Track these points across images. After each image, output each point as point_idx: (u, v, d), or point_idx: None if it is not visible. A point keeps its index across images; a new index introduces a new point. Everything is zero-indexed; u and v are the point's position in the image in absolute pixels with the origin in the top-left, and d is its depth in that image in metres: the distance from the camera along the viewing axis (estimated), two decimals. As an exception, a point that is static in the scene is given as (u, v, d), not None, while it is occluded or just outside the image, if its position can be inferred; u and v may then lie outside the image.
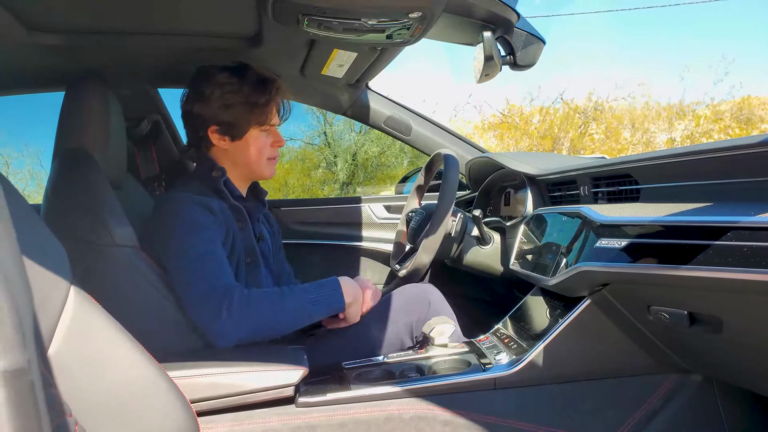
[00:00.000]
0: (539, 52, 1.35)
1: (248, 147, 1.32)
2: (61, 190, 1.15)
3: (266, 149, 1.34)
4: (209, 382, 1.00)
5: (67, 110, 1.23)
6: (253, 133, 1.31)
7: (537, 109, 10.70)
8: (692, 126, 10.22)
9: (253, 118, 1.30)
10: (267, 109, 1.31)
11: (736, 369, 1.06)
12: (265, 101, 1.29)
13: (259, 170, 1.36)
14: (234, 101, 1.27)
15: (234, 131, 1.30)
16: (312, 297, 1.20)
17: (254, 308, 1.13)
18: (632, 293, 1.06)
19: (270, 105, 1.31)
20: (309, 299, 1.19)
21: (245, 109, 1.28)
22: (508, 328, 1.40)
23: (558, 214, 1.34)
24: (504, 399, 1.15)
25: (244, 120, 1.29)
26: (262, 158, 1.34)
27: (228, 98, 1.27)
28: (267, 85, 1.30)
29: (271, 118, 1.33)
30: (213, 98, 1.28)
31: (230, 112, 1.28)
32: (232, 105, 1.28)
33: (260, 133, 1.32)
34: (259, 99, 1.29)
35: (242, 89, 1.28)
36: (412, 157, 9.53)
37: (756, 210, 0.75)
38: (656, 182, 1.08)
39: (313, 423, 1.06)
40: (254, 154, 1.33)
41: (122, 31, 1.26)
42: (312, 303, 1.19)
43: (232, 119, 1.29)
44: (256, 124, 1.30)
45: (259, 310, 1.14)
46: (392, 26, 1.15)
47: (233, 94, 1.27)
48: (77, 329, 0.66)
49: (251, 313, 1.12)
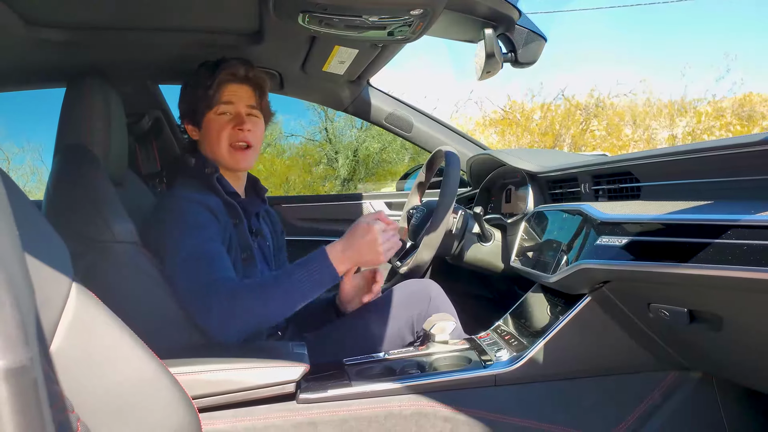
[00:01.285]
0: (540, 50, 1.34)
1: (208, 133, 1.31)
2: (62, 186, 1.15)
3: (224, 134, 1.29)
4: (211, 378, 1.00)
5: (68, 106, 1.23)
6: (209, 117, 1.31)
7: (538, 105, 10.68)
8: (693, 123, 10.20)
9: (203, 102, 1.30)
10: (212, 90, 1.28)
11: (735, 366, 1.06)
12: (210, 83, 1.28)
13: (223, 158, 1.30)
14: (190, 89, 1.32)
15: (194, 118, 1.33)
16: (299, 277, 1.15)
17: (247, 297, 1.11)
18: (632, 291, 1.06)
19: (217, 86, 1.28)
20: (296, 279, 1.15)
21: (197, 94, 1.30)
22: (508, 325, 1.40)
23: (559, 211, 1.34)
24: (504, 396, 1.15)
25: (198, 105, 1.31)
26: (221, 144, 1.29)
27: (187, 87, 1.33)
28: (215, 67, 1.30)
29: (220, 98, 1.29)
30: (182, 92, 1.35)
31: (189, 99, 1.32)
32: (189, 93, 1.32)
33: (215, 116, 1.30)
34: (206, 81, 1.29)
35: (197, 75, 1.31)
36: (413, 154, 9.51)
37: (757, 208, 0.75)
38: (657, 180, 1.08)
39: (314, 419, 1.07)
40: (214, 140, 1.30)
41: (123, 26, 1.26)
42: (300, 282, 1.15)
43: (190, 106, 1.33)
44: (206, 107, 1.30)
45: (245, 302, 1.11)
46: (393, 23, 1.15)
47: (191, 82, 1.32)
48: (79, 326, 0.66)
49: (237, 305, 1.10)
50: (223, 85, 1.30)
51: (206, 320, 1.10)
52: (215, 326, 1.10)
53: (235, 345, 1.14)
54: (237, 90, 1.31)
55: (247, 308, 1.11)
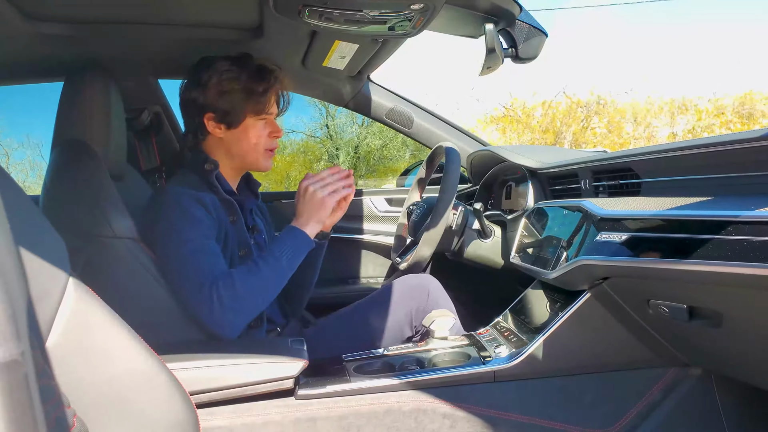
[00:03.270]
0: (541, 45, 1.34)
1: (245, 136, 1.30)
2: (60, 181, 1.14)
3: (263, 139, 1.32)
4: (209, 374, 1.00)
5: (67, 101, 1.22)
6: (249, 121, 1.29)
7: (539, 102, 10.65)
8: (694, 120, 10.17)
9: (249, 106, 1.28)
10: (264, 98, 1.29)
11: (734, 362, 1.06)
12: (263, 89, 1.28)
13: (255, 161, 1.33)
14: (231, 88, 1.26)
15: (230, 119, 1.28)
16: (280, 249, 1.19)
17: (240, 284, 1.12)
18: (632, 287, 1.06)
19: (268, 94, 1.29)
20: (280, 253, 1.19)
21: (242, 96, 1.27)
22: (508, 321, 1.40)
23: (559, 207, 1.33)
24: (503, 392, 1.15)
25: (241, 107, 1.27)
26: (258, 149, 1.32)
27: (225, 85, 1.26)
28: (266, 74, 1.29)
29: (268, 108, 1.31)
30: (211, 84, 1.26)
31: (227, 98, 1.26)
32: (228, 91, 1.26)
33: (257, 122, 1.30)
34: (256, 87, 1.27)
35: (240, 76, 1.27)
36: (413, 150, 9.50)
37: (756, 204, 0.75)
38: (657, 176, 1.08)
39: (313, 415, 1.07)
40: (251, 143, 1.30)
41: (123, 21, 1.25)
42: (284, 254, 1.19)
43: (229, 106, 1.27)
44: (252, 112, 1.29)
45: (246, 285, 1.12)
46: (394, 18, 1.14)
47: (231, 80, 1.26)
48: (76, 321, 0.66)
49: (236, 294, 1.11)
50: (271, 95, 1.31)
51: (210, 316, 1.10)
52: (220, 321, 1.10)
53: (234, 341, 1.14)
54: (273, 98, 1.33)
55: (244, 294, 1.12)
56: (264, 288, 1.16)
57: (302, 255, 1.22)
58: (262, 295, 1.16)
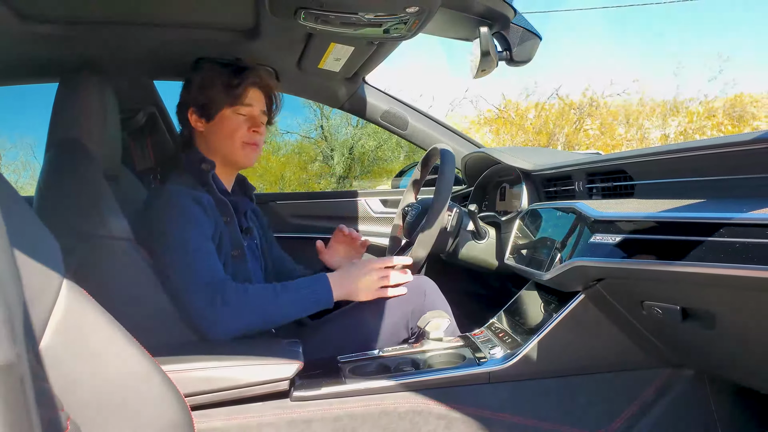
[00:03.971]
0: (535, 48, 1.34)
1: (220, 128, 1.33)
2: (54, 181, 1.14)
3: (240, 132, 1.34)
4: (203, 375, 1.00)
5: (62, 101, 1.22)
6: (225, 113, 1.33)
7: (533, 104, 10.69)
8: (685, 123, 10.23)
9: (225, 98, 1.32)
10: (240, 90, 1.32)
11: (727, 363, 1.07)
12: (238, 82, 1.32)
13: (231, 154, 1.35)
14: (210, 82, 1.32)
15: (208, 111, 1.33)
16: (304, 293, 1.23)
17: (251, 301, 1.16)
18: (626, 288, 1.06)
19: (243, 86, 1.33)
20: (302, 295, 1.22)
21: (219, 89, 1.32)
22: (502, 323, 1.40)
23: (553, 209, 1.34)
24: (498, 393, 1.15)
25: (217, 99, 1.32)
26: (234, 140, 1.34)
27: (206, 80, 1.32)
28: (244, 70, 1.34)
29: (244, 100, 1.33)
30: (194, 82, 1.33)
31: (206, 93, 1.32)
32: (208, 86, 1.32)
33: (234, 114, 1.33)
34: (233, 80, 1.32)
35: (221, 72, 1.32)
36: (408, 152, 9.52)
37: (749, 206, 0.76)
38: (650, 178, 1.08)
39: (308, 417, 1.07)
40: (226, 134, 1.33)
41: (118, 21, 1.25)
42: (304, 298, 1.23)
43: (207, 99, 1.32)
44: (227, 104, 1.32)
45: (255, 303, 1.17)
46: (389, 21, 1.15)
47: (211, 77, 1.32)
48: (70, 323, 0.65)
49: (247, 305, 1.15)
50: (249, 88, 1.34)
51: (206, 315, 1.12)
52: (215, 322, 1.12)
53: (228, 342, 1.14)
54: (256, 94, 1.37)
55: (255, 309, 1.17)
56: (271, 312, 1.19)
57: (319, 308, 1.26)
58: (265, 315, 1.19)
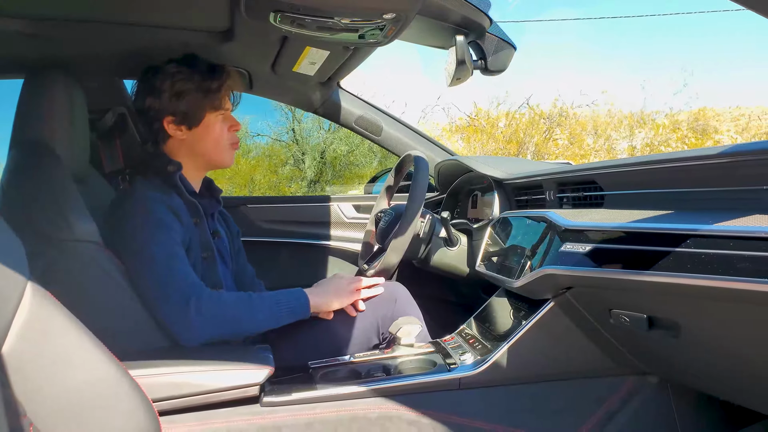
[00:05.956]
0: (510, 58, 1.37)
1: (207, 134, 1.31)
2: (18, 182, 1.11)
3: (225, 134, 1.34)
4: (172, 381, 0.98)
5: (27, 99, 1.18)
6: (209, 118, 1.31)
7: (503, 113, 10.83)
8: (652, 135, 10.51)
9: (207, 104, 1.30)
10: (219, 94, 1.31)
11: (690, 371, 1.10)
12: (217, 86, 1.30)
13: (219, 157, 1.35)
14: (186, 88, 1.28)
15: (190, 119, 1.30)
16: (280, 302, 1.23)
17: (224, 308, 1.15)
18: (594, 297, 1.08)
19: (223, 89, 1.32)
20: (277, 304, 1.22)
21: (199, 95, 1.29)
22: (473, 329, 1.41)
23: (524, 217, 1.36)
24: (468, 399, 1.16)
25: (199, 106, 1.29)
26: (222, 144, 1.34)
27: (179, 86, 1.28)
28: (217, 70, 1.32)
29: (224, 103, 1.33)
30: (164, 89, 1.28)
31: (184, 100, 1.29)
32: (184, 93, 1.28)
33: (216, 118, 1.32)
34: (211, 84, 1.29)
35: (193, 77, 1.29)
36: (381, 158, 9.53)
37: (714, 219, 0.78)
38: (620, 189, 1.11)
39: (279, 423, 1.06)
40: (214, 140, 1.32)
41: (88, 19, 1.22)
42: (280, 308, 1.22)
43: (187, 107, 1.29)
44: (211, 109, 1.30)
45: (229, 311, 1.15)
46: (366, 26, 1.15)
47: (184, 82, 1.28)
48: (34, 327, 0.64)
49: (221, 312, 1.14)
50: (227, 90, 1.33)
51: (179, 321, 1.10)
52: (188, 328, 1.11)
53: (198, 347, 1.12)
54: (228, 93, 1.35)
55: (231, 317, 1.16)
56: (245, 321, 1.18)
57: (293, 317, 1.25)
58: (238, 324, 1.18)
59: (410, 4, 1.06)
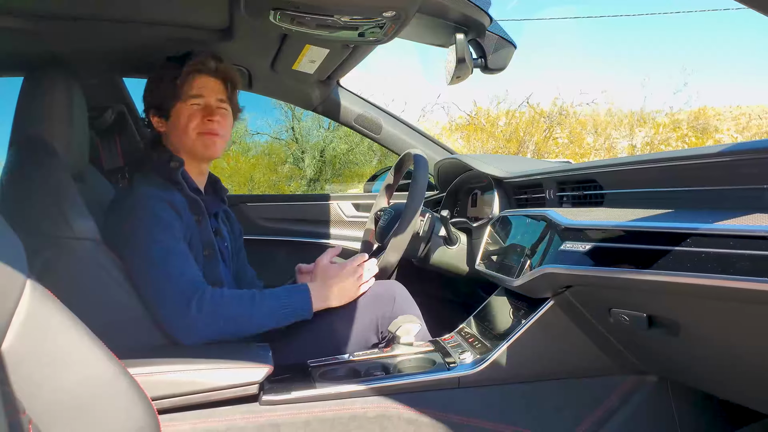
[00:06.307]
0: (510, 56, 1.36)
1: (176, 123, 1.30)
2: (18, 180, 1.11)
3: (193, 123, 1.29)
4: (171, 379, 0.98)
5: (27, 97, 1.18)
6: (178, 107, 1.30)
7: (503, 112, 10.82)
8: (652, 134, 10.51)
9: (173, 93, 1.29)
10: (183, 80, 1.28)
11: (690, 370, 1.10)
12: (178, 75, 1.28)
13: (190, 146, 1.30)
14: (158, 81, 1.30)
15: (163, 110, 1.31)
16: (283, 303, 1.22)
17: (226, 307, 1.14)
18: (594, 296, 1.08)
19: (187, 76, 1.29)
20: (280, 305, 1.21)
21: (167, 85, 1.29)
22: (472, 328, 1.41)
23: (523, 216, 1.36)
24: (468, 398, 1.16)
25: (168, 95, 1.29)
26: (189, 132, 1.29)
27: (155, 79, 1.31)
28: (184, 59, 1.30)
29: (190, 91, 1.29)
30: (149, 83, 1.32)
31: (157, 91, 1.30)
32: (157, 84, 1.30)
33: (185, 106, 1.29)
34: (175, 72, 1.29)
35: (167, 68, 1.30)
36: (380, 156, 9.52)
37: (714, 218, 0.78)
38: (620, 188, 1.11)
39: (278, 421, 1.05)
40: (181, 128, 1.30)
41: (88, 17, 1.22)
42: (283, 309, 1.21)
43: (159, 98, 1.30)
44: (177, 99, 1.29)
45: (231, 310, 1.15)
46: (365, 24, 1.15)
47: (160, 75, 1.30)
48: (33, 324, 0.64)
49: (223, 311, 1.13)
50: (192, 77, 1.29)
51: (180, 319, 1.10)
52: (189, 326, 1.10)
53: (197, 346, 1.12)
54: (207, 83, 1.31)
55: (231, 318, 1.15)
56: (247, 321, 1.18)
57: (296, 320, 1.25)
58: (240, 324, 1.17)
59: (410, 2, 1.05)
